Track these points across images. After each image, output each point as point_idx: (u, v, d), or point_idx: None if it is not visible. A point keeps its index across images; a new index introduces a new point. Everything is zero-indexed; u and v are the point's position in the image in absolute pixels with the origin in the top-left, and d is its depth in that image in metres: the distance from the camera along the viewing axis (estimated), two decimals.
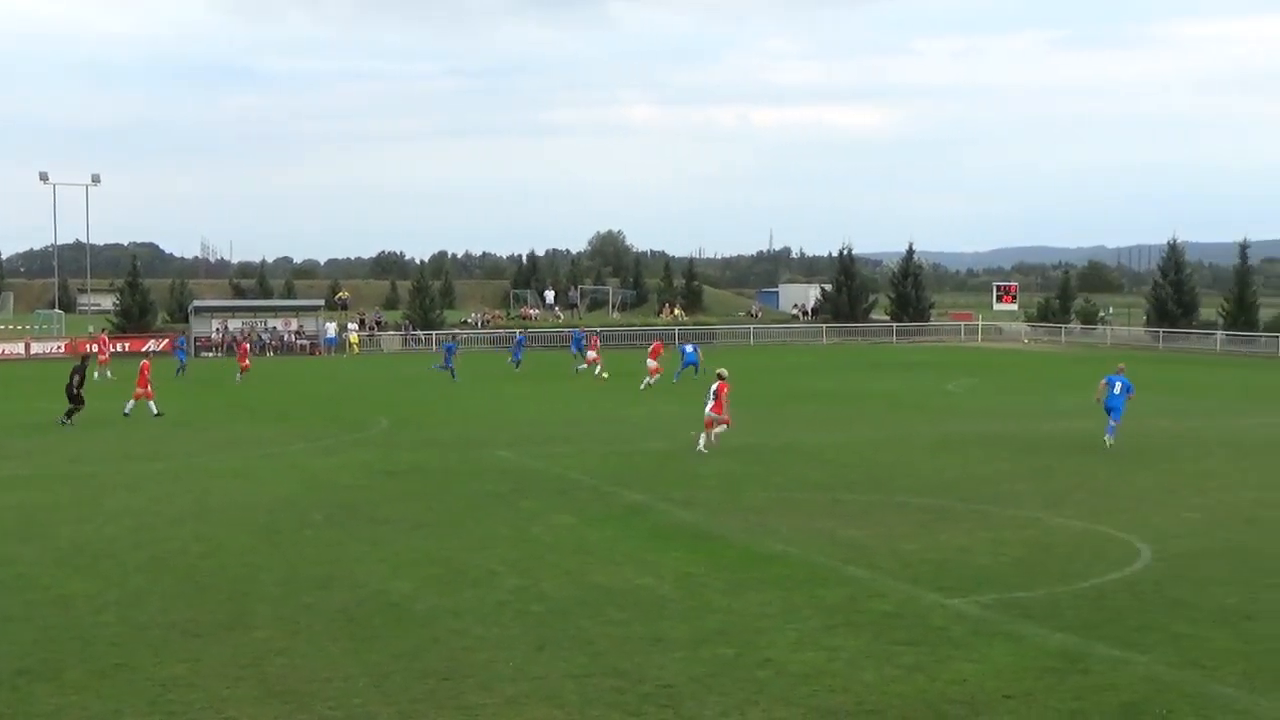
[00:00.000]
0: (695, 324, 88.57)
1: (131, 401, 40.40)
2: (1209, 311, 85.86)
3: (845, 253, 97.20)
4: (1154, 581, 17.04)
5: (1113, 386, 32.22)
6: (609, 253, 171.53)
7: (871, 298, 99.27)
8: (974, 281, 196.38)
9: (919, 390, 47.97)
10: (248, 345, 64.46)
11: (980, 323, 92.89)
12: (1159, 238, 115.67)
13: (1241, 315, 78.81)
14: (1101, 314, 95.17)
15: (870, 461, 28.80)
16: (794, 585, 16.76)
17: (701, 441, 30.50)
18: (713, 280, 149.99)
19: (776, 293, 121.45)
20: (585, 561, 18.33)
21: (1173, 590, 16.55)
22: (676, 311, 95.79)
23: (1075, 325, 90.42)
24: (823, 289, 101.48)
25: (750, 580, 17.08)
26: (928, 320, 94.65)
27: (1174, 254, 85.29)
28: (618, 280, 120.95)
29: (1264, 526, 21.07)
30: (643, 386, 48.65)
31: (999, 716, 11.76)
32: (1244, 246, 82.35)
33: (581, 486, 25.29)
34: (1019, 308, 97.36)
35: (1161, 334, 79.75)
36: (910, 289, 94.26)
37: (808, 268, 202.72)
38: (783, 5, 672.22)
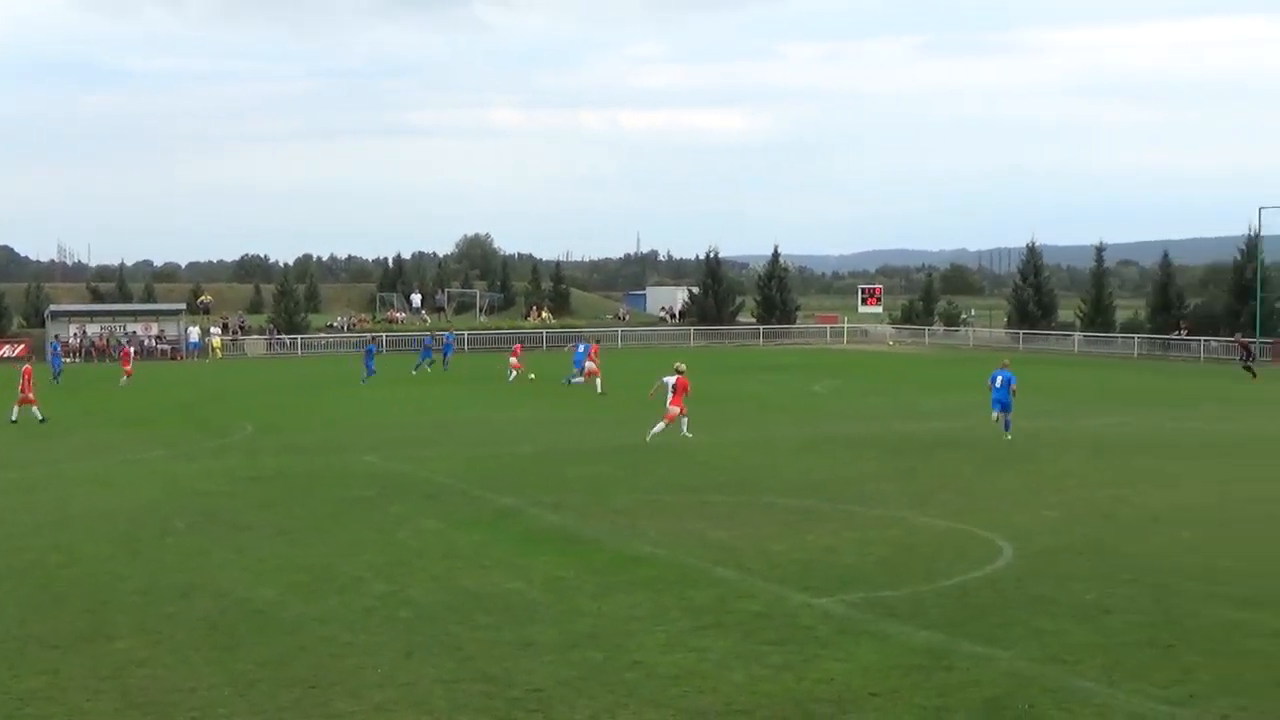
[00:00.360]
0: (563, 327, 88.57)
1: (16, 408, 39.62)
2: (1067, 313, 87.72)
3: (712, 255, 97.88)
4: (1015, 578, 17.34)
5: (995, 381, 33.86)
6: (476, 256, 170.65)
7: (738, 300, 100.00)
8: (839, 284, 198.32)
9: (786, 392, 48.40)
10: (131, 350, 62.86)
11: (846, 325, 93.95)
12: (1019, 241, 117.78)
13: (1098, 316, 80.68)
14: (964, 316, 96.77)
15: (738, 463, 28.99)
16: (663, 587, 16.80)
17: (659, 428, 32.30)
18: (580, 283, 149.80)
19: (644, 295, 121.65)
20: (453, 566, 18.23)
21: (1034, 587, 16.86)
22: (544, 314, 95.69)
23: (939, 327, 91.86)
24: (690, 292, 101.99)
25: (619, 583, 17.10)
26: (794, 323, 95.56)
27: (1033, 257, 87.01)
28: (485, 283, 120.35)
29: (1121, 523, 21.55)
30: (512, 379, 52.09)
31: (865, 714, 11.89)
32: (1100, 249, 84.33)
33: (449, 490, 25.15)
34: (884, 310, 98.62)
35: (1022, 335, 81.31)
36: (776, 292, 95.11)
37: (675, 270, 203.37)
38: (651, 9, 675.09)
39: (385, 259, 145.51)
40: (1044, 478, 26.72)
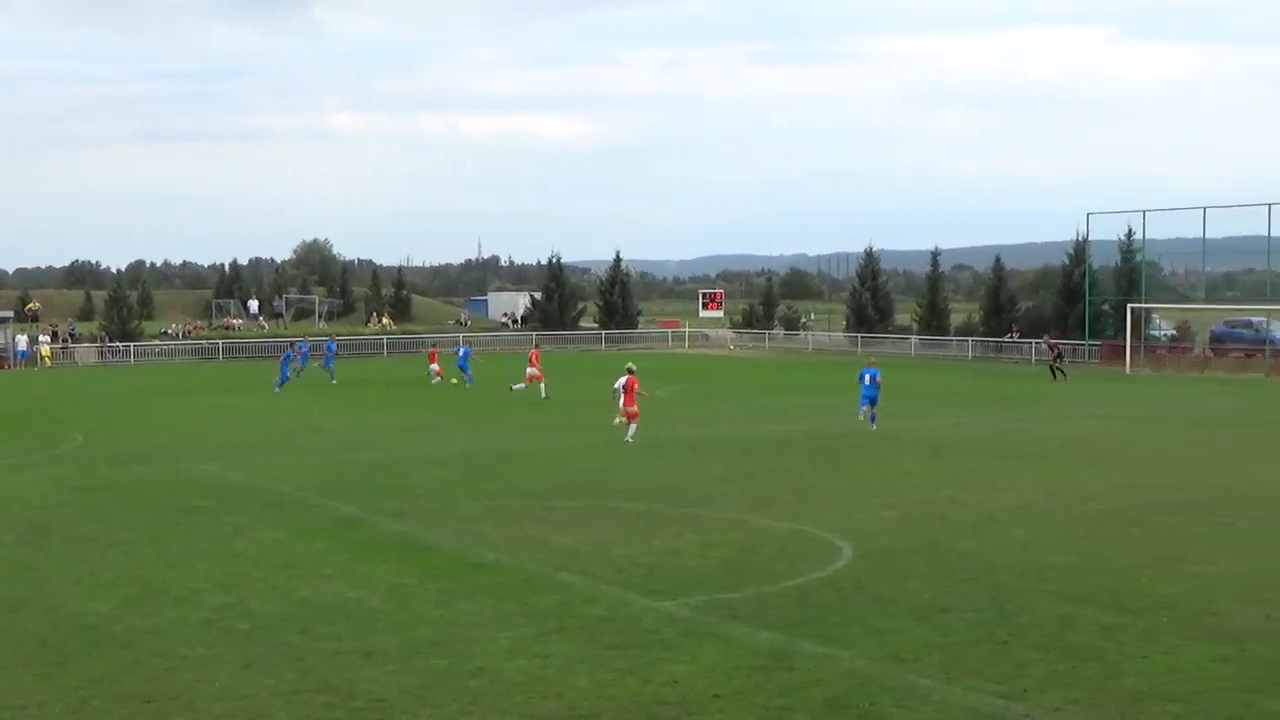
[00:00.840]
0: (404, 333, 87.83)
1: None
2: (904, 316, 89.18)
3: (554, 261, 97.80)
4: (855, 579, 17.60)
5: (864, 378, 37.02)
6: (315, 261, 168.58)
7: (580, 305, 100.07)
8: (681, 289, 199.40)
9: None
10: None
11: (687, 329, 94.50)
12: (857, 246, 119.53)
13: (934, 320, 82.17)
14: (804, 320, 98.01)
15: (582, 467, 29.01)
16: (506, 593, 16.76)
17: (630, 431, 33.49)
18: (421, 289, 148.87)
19: (485, 301, 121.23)
20: (293, 576, 17.98)
21: (873, 586, 17.13)
22: (385, 320, 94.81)
23: (779, 331, 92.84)
24: (532, 297, 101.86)
25: (462, 589, 17.02)
26: (636, 327, 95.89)
27: (871, 261, 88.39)
28: (324, 289, 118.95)
29: (956, 523, 21.98)
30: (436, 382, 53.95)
31: (709, 716, 11.97)
32: (935, 254, 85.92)
33: (289, 499, 24.80)
34: (725, 314, 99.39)
35: (860, 338, 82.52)
36: (618, 296, 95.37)
37: (517, 276, 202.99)
38: (492, 15, 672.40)
39: (222, 265, 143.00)
40: (882, 479, 27.15)
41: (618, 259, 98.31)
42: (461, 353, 56.40)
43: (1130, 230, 71.93)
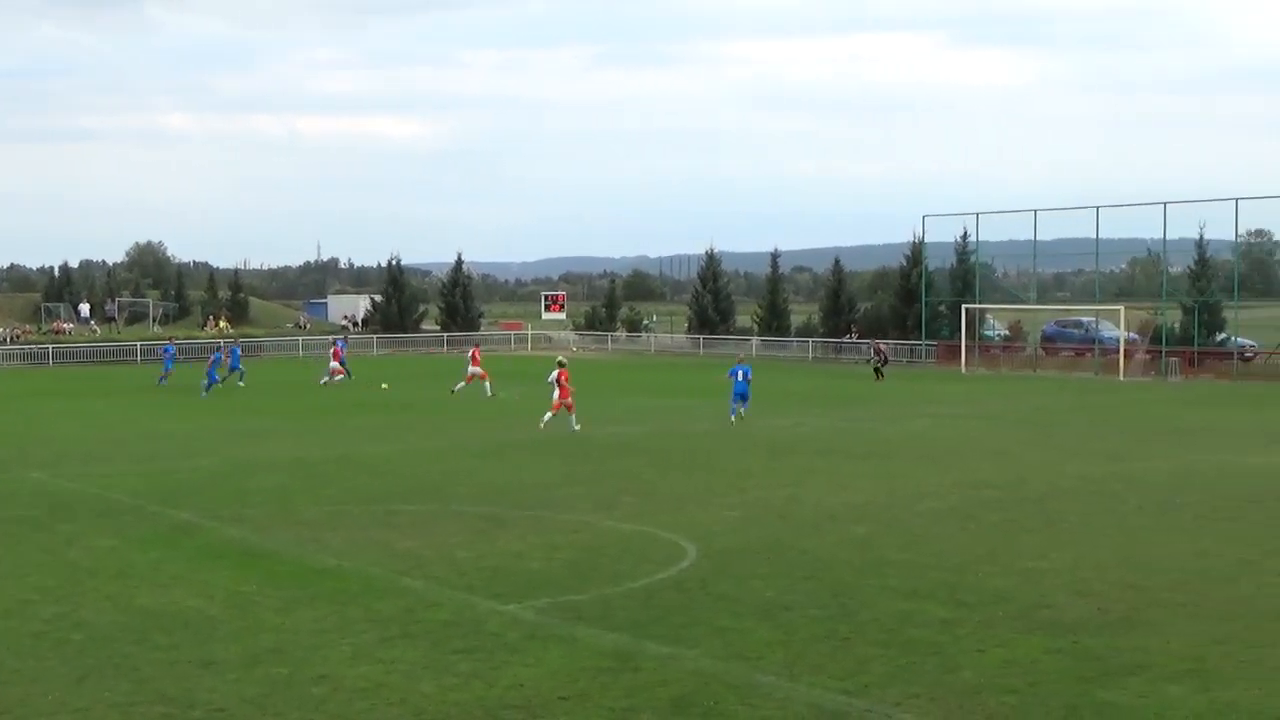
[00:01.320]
0: (242, 336, 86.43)
1: None
2: (745, 318, 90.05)
3: (395, 263, 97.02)
4: (700, 579, 17.73)
5: (736, 375, 38.95)
6: (148, 264, 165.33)
7: (422, 308, 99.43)
8: (523, 291, 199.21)
9: (472, 399, 48.31)
10: None
11: (530, 332, 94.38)
12: (698, 248, 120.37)
13: (774, 321, 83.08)
14: (646, 322, 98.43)
15: (425, 471, 28.81)
16: (348, 599, 16.59)
17: (571, 420, 35.97)
18: (259, 291, 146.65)
19: (325, 304, 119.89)
20: (129, 585, 17.60)
21: (717, 586, 17.27)
22: (222, 324, 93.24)
23: (621, 333, 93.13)
24: (372, 300, 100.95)
25: (303, 596, 16.80)
26: (478, 330, 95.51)
27: (712, 263, 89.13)
28: (159, 293, 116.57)
29: (797, 522, 22.25)
30: (323, 383, 54.17)
31: (555, 718, 11.97)
32: (775, 256, 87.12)
33: (124, 507, 24.25)
34: (567, 316, 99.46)
35: (702, 340, 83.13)
36: (459, 299, 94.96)
37: (357, 278, 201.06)
38: (330, 14, 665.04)
39: (51, 268, 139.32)
40: (724, 479, 27.37)
41: (459, 261, 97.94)
42: (340, 344, 56.40)
43: (965, 232, 73.57)
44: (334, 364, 57.22)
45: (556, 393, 36.56)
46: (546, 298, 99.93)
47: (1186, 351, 61.93)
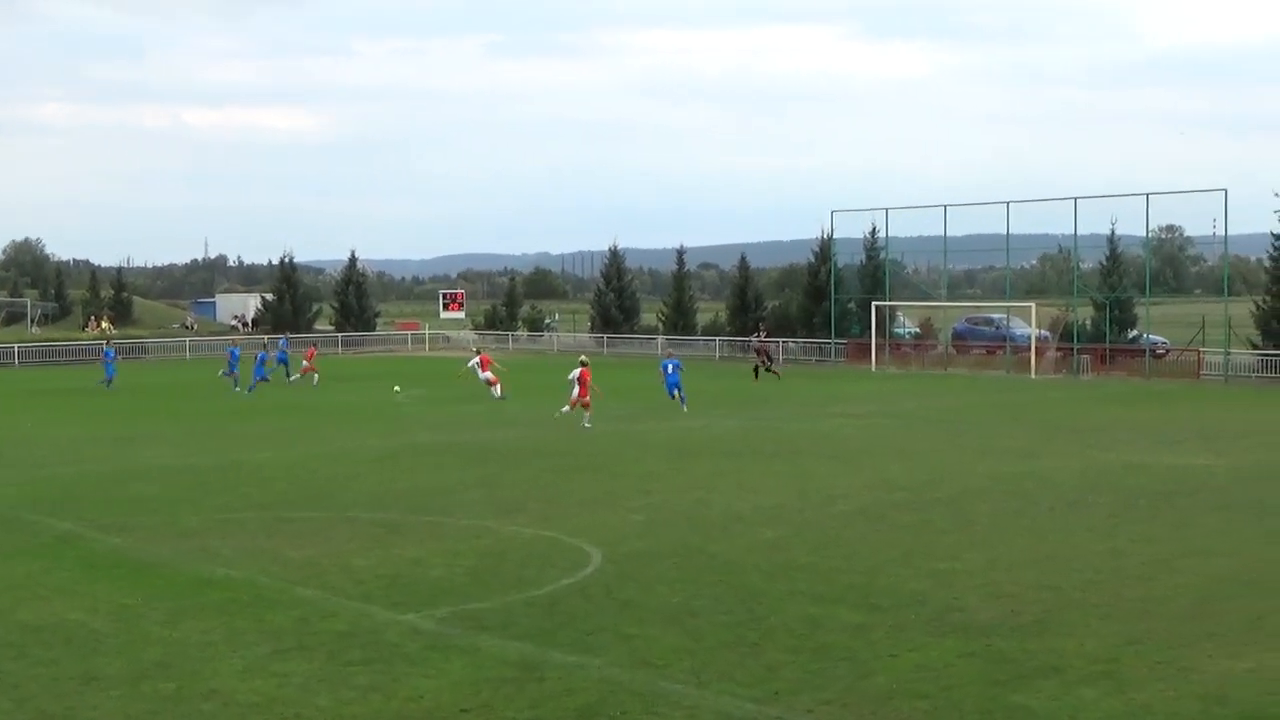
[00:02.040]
0: (125, 337, 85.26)
1: None
2: (650, 316, 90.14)
3: (287, 260, 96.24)
4: (604, 585, 17.74)
5: (666, 369, 41.75)
6: (26, 262, 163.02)
7: (315, 307, 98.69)
8: (420, 289, 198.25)
9: (367, 402, 48.02)
10: None
11: (428, 332, 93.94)
12: (601, 244, 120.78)
13: (680, 319, 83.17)
14: (548, 321, 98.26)
15: (318, 476, 28.58)
16: (239, 610, 16.42)
17: (585, 417, 37.43)
18: (144, 290, 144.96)
19: (214, 303, 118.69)
20: (7, 599, 17.29)
21: (622, 592, 17.29)
22: (104, 325, 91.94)
23: (522, 332, 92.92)
24: (263, 298, 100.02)
25: (191, 608, 16.60)
26: (374, 329, 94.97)
27: (615, 260, 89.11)
28: (37, 292, 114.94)
29: (705, 525, 22.33)
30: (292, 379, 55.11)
31: None
32: (681, 252, 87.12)
33: (0, 517, 23.84)
34: (466, 315, 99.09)
35: (606, 339, 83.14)
36: (354, 298, 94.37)
37: (247, 276, 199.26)
38: (219, 2, 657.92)
39: None
40: (629, 481, 27.41)
41: (353, 258, 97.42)
42: (261, 356, 56.15)
43: (874, 228, 73.83)
44: (305, 363, 57.65)
45: (576, 390, 38.21)
46: (445, 296, 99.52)
47: (1098, 349, 62.84)
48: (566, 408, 38.63)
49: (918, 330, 74.66)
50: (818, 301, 74.54)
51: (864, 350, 68.30)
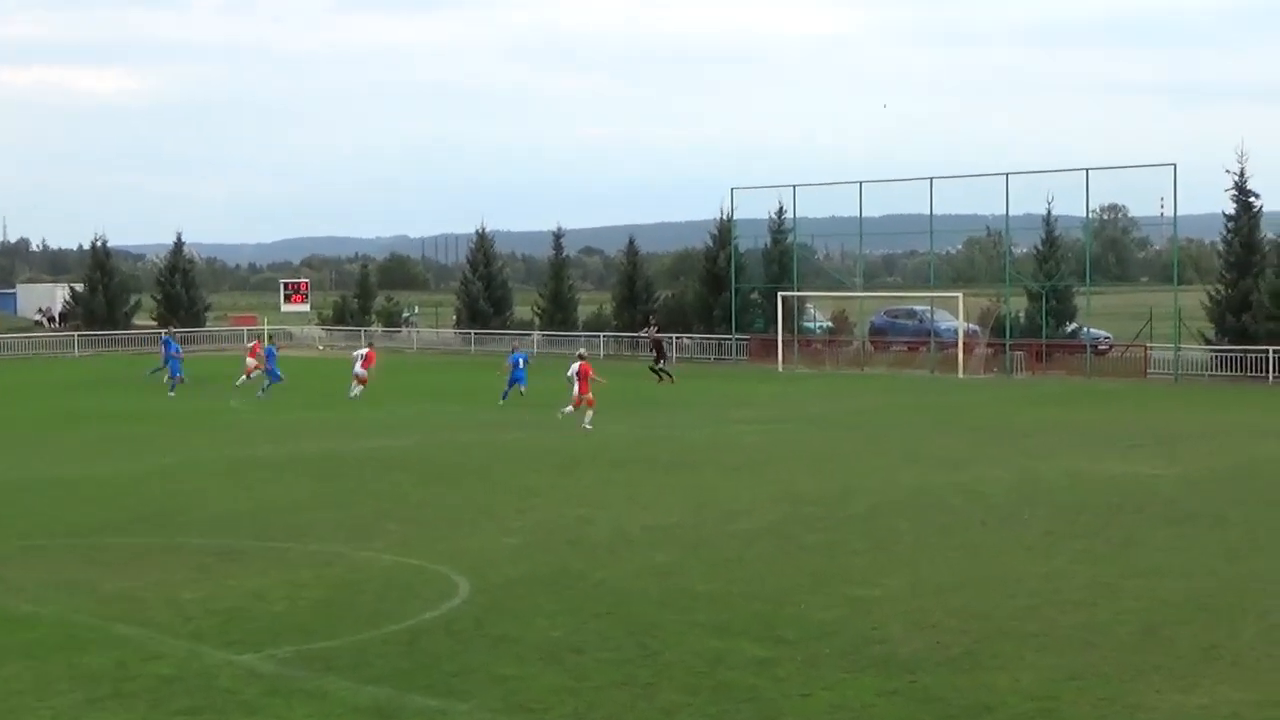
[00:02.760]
0: None
1: None
2: (524, 309, 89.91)
3: (100, 245, 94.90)
4: (474, 618, 17.70)
5: (517, 362, 45.06)
6: None
7: (134, 299, 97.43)
8: (258, 278, 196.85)
9: (200, 408, 47.54)
10: None
11: (267, 327, 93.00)
12: (467, 227, 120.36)
13: (558, 312, 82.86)
14: (406, 314, 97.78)
15: (142, 496, 28.24)
16: (47, 653, 16.18)
17: (586, 418, 38.70)
18: None
19: (14, 294, 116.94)
20: None
21: (495, 626, 17.25)
22: None
23: (377, 328, 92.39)
24: (72, 289, 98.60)
25: None
26: (204, 324, 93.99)
27: (483, 244, 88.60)
28: None
29: (589, 547, 22.34)
30: (238, 384, 54.13)
31: None
32: (559, 236, 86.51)
33: None
34: (312, 308, 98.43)
35: (473, 335, 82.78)
36: (181, 288, 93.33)
37: (53, 264, 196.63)
38: None
39: None
40: (503, 498, 27.36)
41: (179, 242, 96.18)
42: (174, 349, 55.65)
43: (780, 208, 73.97)
44: (250, 360, 56.82)
45: (576, 387, 39.44)
46: (286, 286, 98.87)
47: (1033, 344, 63.61)
48: (569, 408, 39.66)
49: (830, 324, 75.04)
50: (716, 291, 74.66)
51: (769, 347, 68.53)
